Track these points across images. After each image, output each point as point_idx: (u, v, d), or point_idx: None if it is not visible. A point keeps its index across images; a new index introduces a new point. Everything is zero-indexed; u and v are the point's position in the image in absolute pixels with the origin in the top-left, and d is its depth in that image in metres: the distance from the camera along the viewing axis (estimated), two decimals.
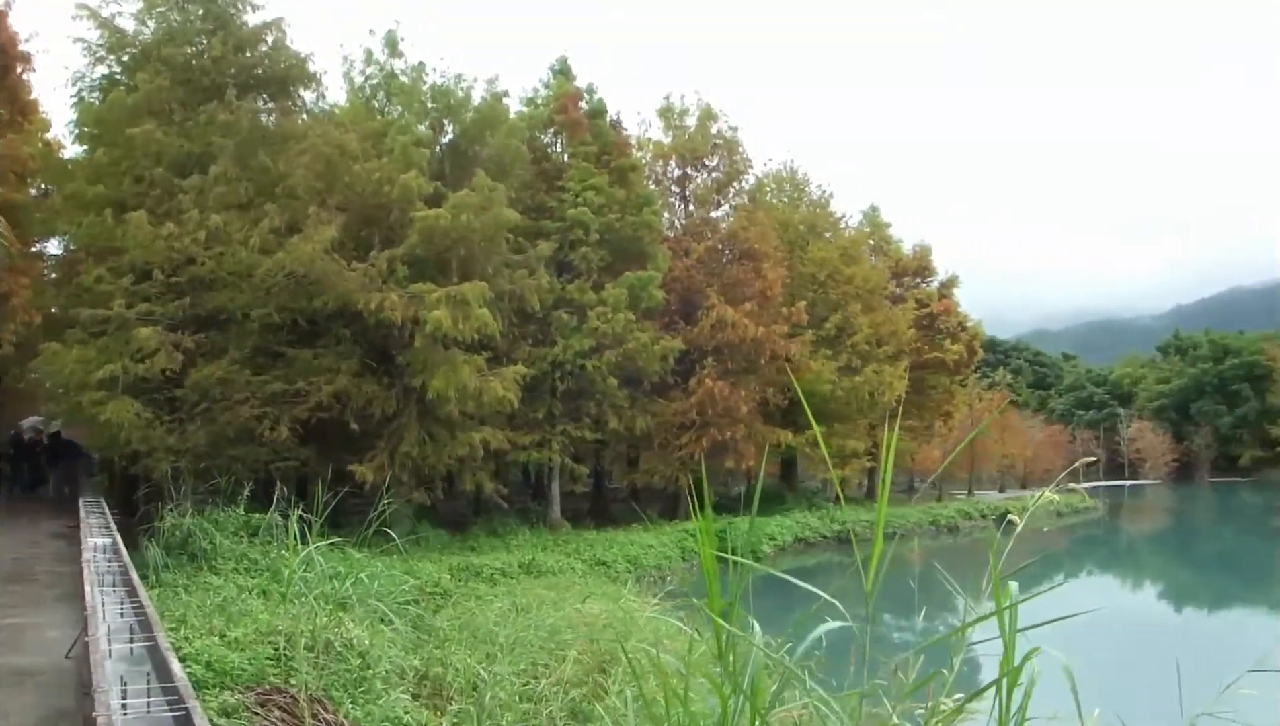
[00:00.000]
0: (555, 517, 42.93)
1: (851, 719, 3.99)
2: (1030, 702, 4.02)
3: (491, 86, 39.86)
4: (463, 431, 34.59)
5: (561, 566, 34.13)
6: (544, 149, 45.31)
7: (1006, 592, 4.01)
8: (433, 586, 27.93)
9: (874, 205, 72.31)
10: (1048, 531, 64.28)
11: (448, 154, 38.65)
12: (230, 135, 31.17)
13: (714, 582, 3.95)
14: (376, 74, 38.61)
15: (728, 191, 54.63)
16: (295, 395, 31.82)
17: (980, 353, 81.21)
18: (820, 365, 53.34)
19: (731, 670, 4.06)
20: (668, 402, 46.16)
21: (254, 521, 23.60)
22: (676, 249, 48.74)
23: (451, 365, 32.64)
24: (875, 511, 19.82)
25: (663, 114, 54.53)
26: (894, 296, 68.31)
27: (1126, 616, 35.98)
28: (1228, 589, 44.36)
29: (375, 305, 31.95)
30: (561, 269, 42.15)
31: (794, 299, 52.97)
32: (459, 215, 33.45)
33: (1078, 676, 3.83)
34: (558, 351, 40.37)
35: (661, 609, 18.97)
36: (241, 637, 13.31)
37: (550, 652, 15.11)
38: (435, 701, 13.13)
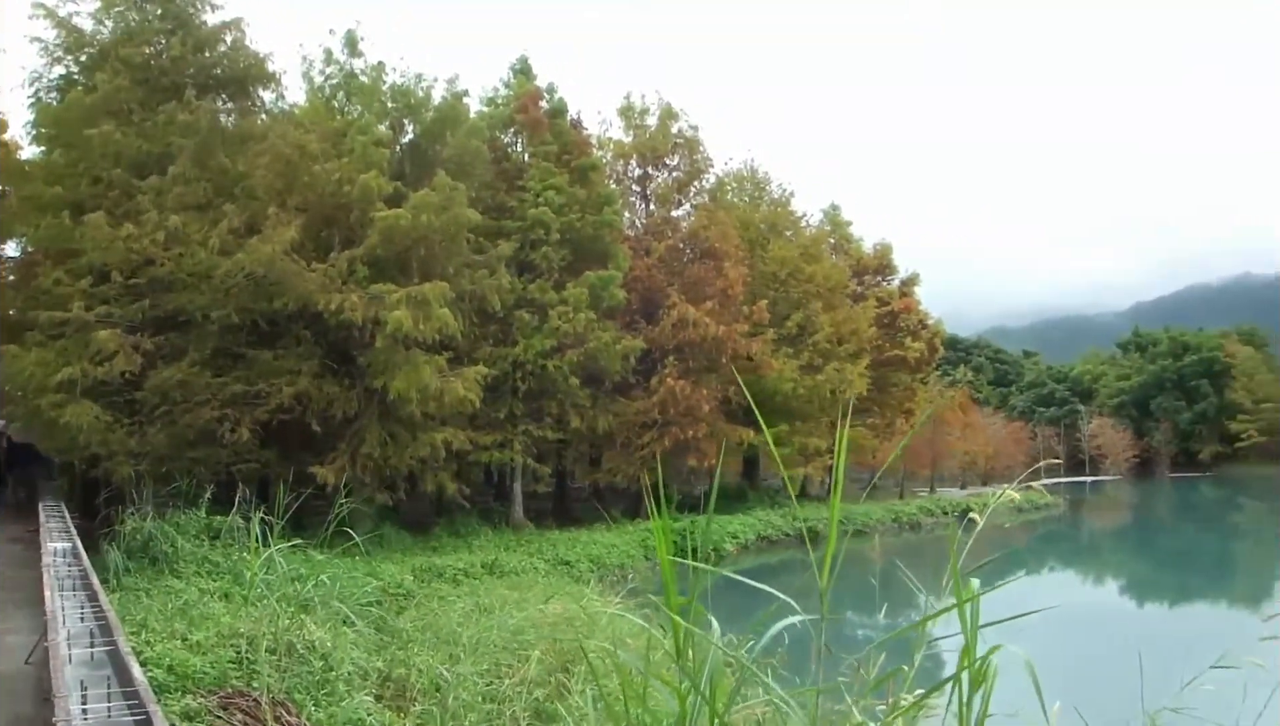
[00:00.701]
0: (518, 517, 43.03)
1: (810, 716, 3.99)
2: (991, 698, 4.07)
3: (452, 86, 40.03)
4: (424, 432, 34.62)
5: (524, 566, 34.26)
6: (504, 148, 45.40)
7: (967, 589, 4.05)
8: (396, 587, 27.99)
9: (834, 204, 73.02)
10: (1009, 528, 64.78)
11: (408, 154, 38.73)
12: (189, 135, 31.06)
13: (671, 582, 4.03)
14: (336, 74, 38.67)
15: (688, 190, 54.90)
16: (256, 397, 31.77)
17: (941, 350, 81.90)
18: (782, 363, 53.66)
19: (690, 669, 4.08)
20: (630, 402, 46.33)
21: (215, 524, 23.58)
22: (637, 248, 48.96)
23: (412, 365, 32.69)
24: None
25: (623, 113, 54.80)
26: (855, 294, 68.80)
27: (1089, 612, 36.36)
28: (1189, 584, 44.83)
29: (335, 306, 31.93)
30: (522, 268, 42.20)
31: (755, 297, 53.35)
32: (419, 215, 33.52)
33: (1040, 671, 3.98)
34: (519, 351, 40.46)
35: (624, 607, 19.07)
36: (203, 641, 13.37)
37: (513, 653, 15.22)
38: (399, 702, 13.22)
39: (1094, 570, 53.60)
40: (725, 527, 47.48)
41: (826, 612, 3.87)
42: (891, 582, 5.18)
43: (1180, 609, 38.90)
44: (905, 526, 63.98)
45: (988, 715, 3.96)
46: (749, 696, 5.18)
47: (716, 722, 3.92)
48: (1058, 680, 4.73)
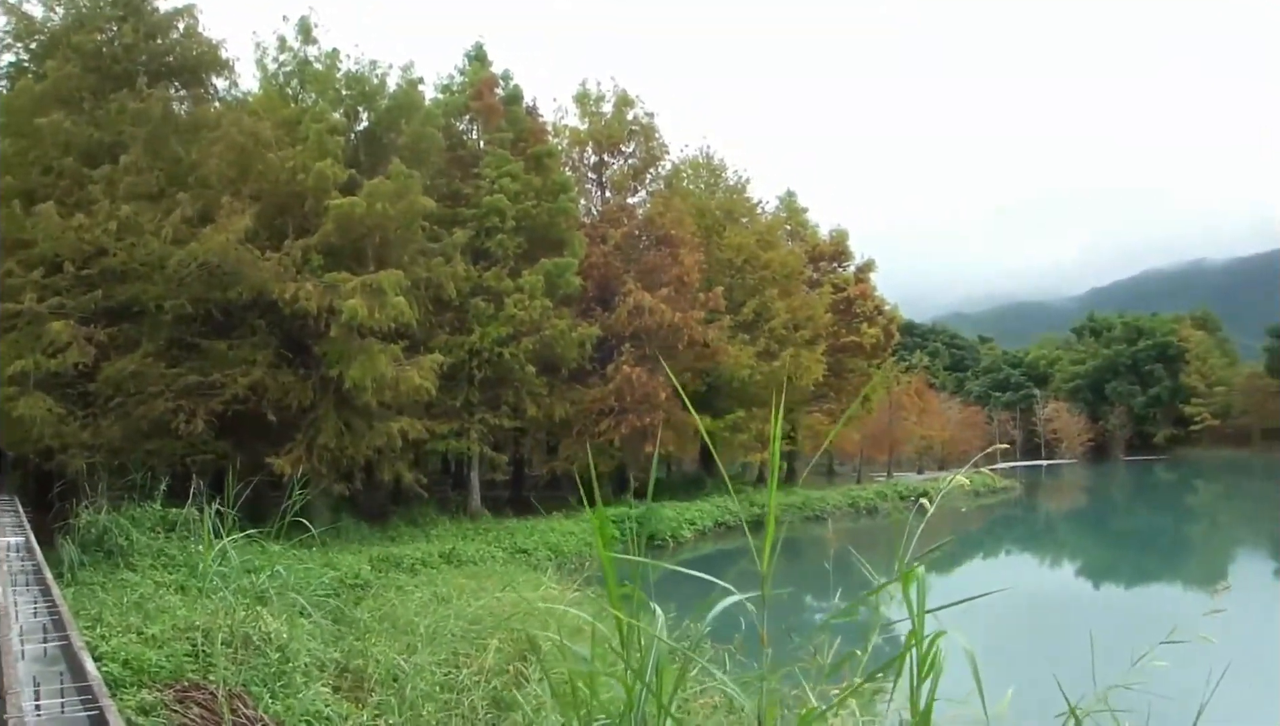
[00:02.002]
0: (475, 506, 43.13)
1: (757, 701, 4.06)
2: (943, 681, 4.12)
3: (407, 73, 40.02)
4: (380, 421, 34.67)
5: (482, 555, 34.32)
6: (460, 136, 45.52)
7: (914, 573, 4.07)
8: (353, 578, 27.98)
9: (791, 191, 73.16)
10: (966, 511, 65.39)
11: (362, 141, 38.74)
12: (141, 124, 30.99)
13: (611, 573, 4.14)
14: (290, 61, 38.56)
15: (644, 177, 55.13)
16: (211, 387, 31.73)
17: (897, 336, 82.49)
18: (738, 350, 53.85)
19: (636, 658, 4.13)
20: (586, 389, 46.51)
21: (171, 516, 23.57)
22: (593, 235, 49.07)
23: (368, 354, 32.75)
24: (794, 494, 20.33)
25: (579, 100, 54.85)
26: (811, 281, 69.23)
27: (1046, 593, 36.80)
28: (1144, 565, 45.37)
29: (290, 295, 31.96)
30: (478, 256, 42.22)
31: (711, 284, 53.53)
32: (374, 203, 33.58)
33: (997, 652, 4.06)
34: (475, 339, 40.49)
35: (581, 595, 19.21)
36: (159, 634, 13.40)
37: (471, 642, 15.29)
38: (356, 693, 13.26)
39: (1050, 552, 54.13)
40: (683, 514, 47.69)
41: (768, 597, 3.93)
42: (848, 568, 5.33)
43: (1136, 589, 39.38)
44: (863, 511, 64.38)
45: (935, 697, 4.02)
46: (703, 682, 5.27)
47: (661, 711, 3.98)
48: (1013, 660, 4.93)
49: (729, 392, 55.76)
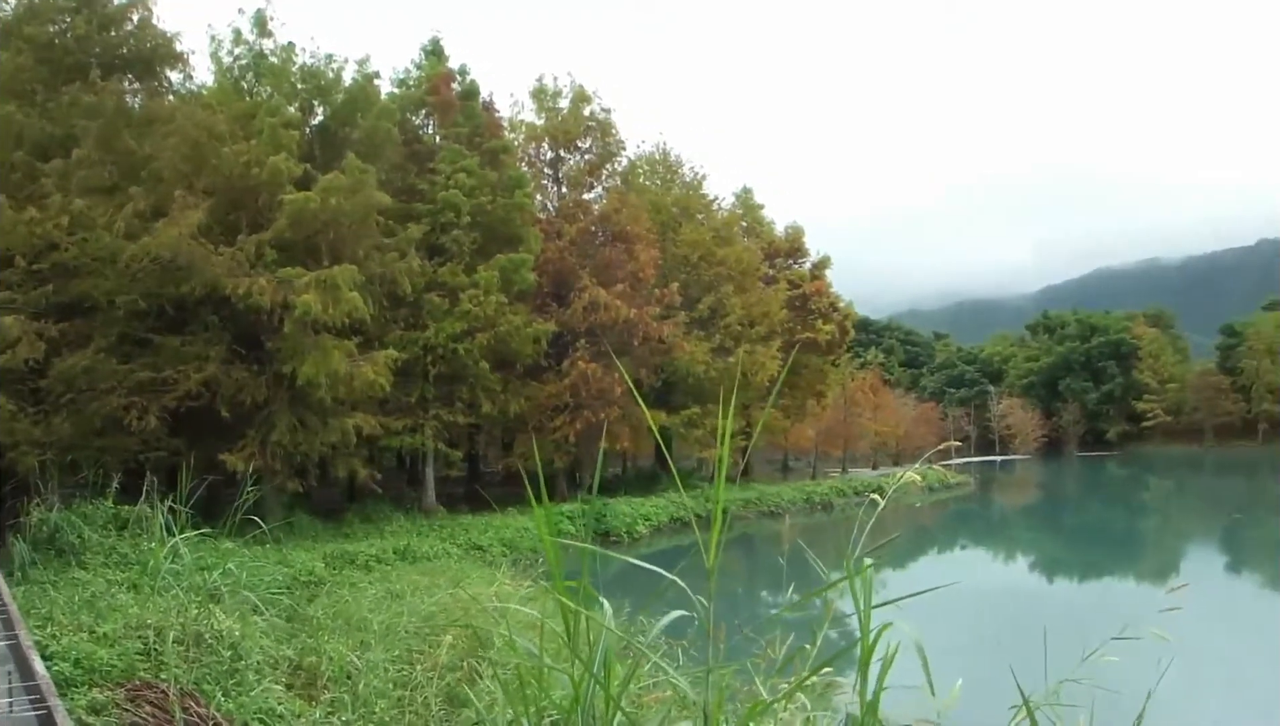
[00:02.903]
0: (430, 503, 43.20)
1: (702, 695, 4.05)
2: (896, 674, 4.13)
3: (362, 67, 40.02)
4: (335, 417, 34.68)
5: (437, 551, 34.41)
6: (415, 130, 45.54)
7: (863, 568, 4.10)
8: (307, 575, 27.98)
9: (747, 187, 73.54)
10: (920, 506, 65.91)
11: (317, 136, 38.68)
12: (94, 117, 30.78)
13: (557, 566, 4.19)
14: (245, 54, 38.34)
15: (600, 173, 55.27)
16: (163, 383, 31.60)
17: (852, 332, 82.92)
18: (694, 346, 54.11)
19: (584, 652, 4.13)
20: (541, 385, 46.71)
21: (123, 514, 23.45)
22: (549, 231, 49.20)
23: (322, 350, 32.73)
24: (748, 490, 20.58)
25: (535, 95, 55.03)
26: (767, 277, 69.46)
27: (999, 588, 37.25)
28: (1097, 560, 45.88)
29: (244, 290, 31.82)
30: (433, 252, 42.24)
31: (667, 280, 53.85)
32: (329, 198, 33.51)
33: (951, 646, 4.16)
34: (429, 335, 40.55)
35: (536, 590, 19.32)
36: (111, 633, 13.38)
37: (425, 638, 15.36)
38: (309, 691, 13.27)
39: (1004, 547, 54.68)
40: (638, 510, 47.92)
41: (715, 591, 4.00)
42: (803, 562, 5.46)
43: (1089, 584, 39.83)
44: (818, 506, 64.79)
45: (884, 688, 4.04)
46: (655, 676, 5.33)
47: (610, 704, 4.01)
48: (967, 653, 5.01)
49: (684, 388, 56.05)
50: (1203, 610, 24.82)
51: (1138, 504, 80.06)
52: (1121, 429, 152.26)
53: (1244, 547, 49.02)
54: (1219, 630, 24.36)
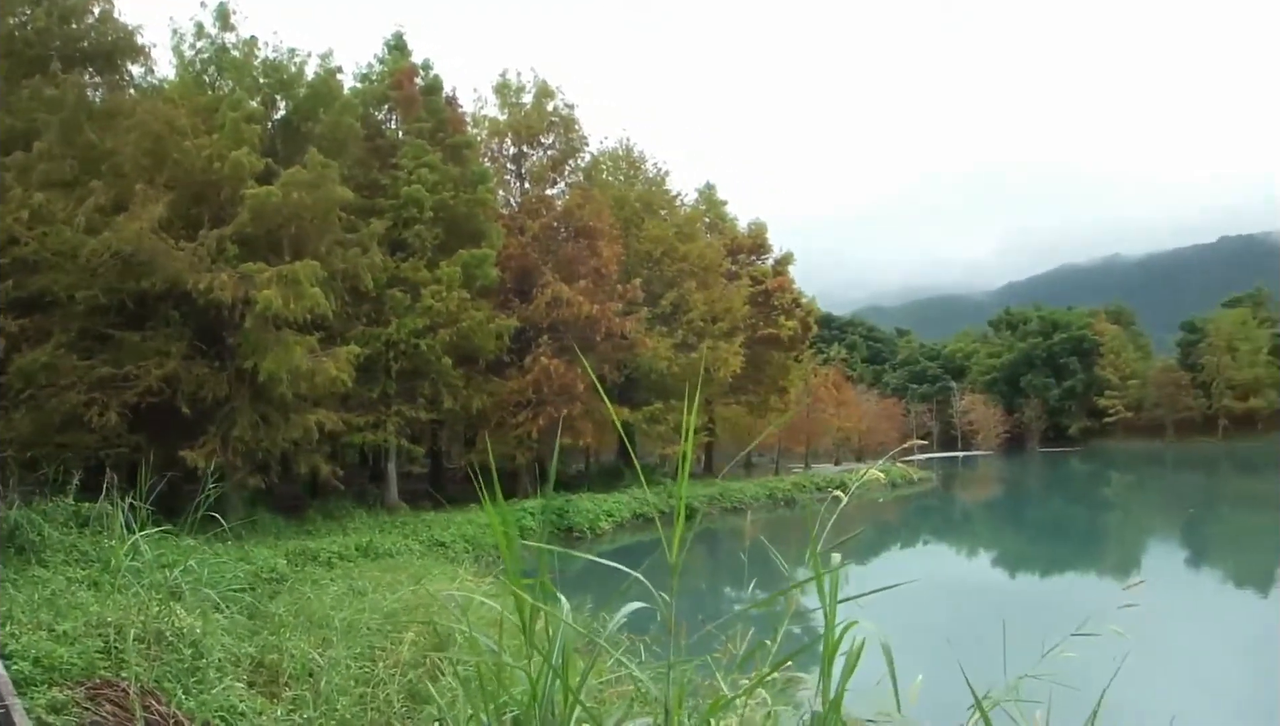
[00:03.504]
0: (392, 499, 43.26)
1: (664, 690, 4.06)
2: (857, 670, 4.15)
3: (325, 62, 40.01)
4: (296, 413, 34.66)
5: (399, 548, 34.41)
6: (378, 125, 45.55)
7: (826, 564, 4.11)
8: (268, 572, 27.93)
9: (710, 183, 73.78)
10: (883, 502, 66.20)
11: (280, 130, 38.72)
12: (55, 110, 30.66)
13: (512, 560, 4.19)
14: (207, 48, 38.28)
15: (563, 169, 55.54)
16: (124, 379, 31.54)
17: (815, 328, 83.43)
18: (656, 342, 54.30)
19: (543, 647, 4.13)
20: (504, 381, 46.89)
21: (84, 511, 23.41)
22: (511, 226, 49.39)
23: (283, 346, 32.74)
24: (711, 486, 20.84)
25: (499, 91, 55.11)
26: (729, 273, 69.74)
27: (962, 583, 37.52)
28: (1059, 555, 46.25)
29: (205, 285, 31.74)
30: (395, 247, 42.28)
31: (629, 276, 54.13)
32: (290, 192, 33.55)
33: (911, 643, 4.23)
34: (392, 331, 40.59)
35: (498, 586, 19.39)
36: (71, 631, 13.39)
37: (387, 635, 15.43)
38: (271, 688, 13.30)
39: (967, 543, 55.02)
40: (601, 506, 48.13)
41: (677, 587, 3.99)
42: (766, 558, 5.56)
43: (1050, 579, 40.13)
44: (781, 502, 65.02)
45: (847, 689, 4.07)
46: (616, 671, 5.41)
47: (569, 697, 4.02)
48: (929, 649, 5.04)
49: (647, 384, 56.26)
50: (1162, 605, 25.22)
51: (1099, 499, 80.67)
52: (1083, 425, 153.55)
53: (1203, 542, 49.58)
54: (1177, 624, 24.74)
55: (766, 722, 4.83)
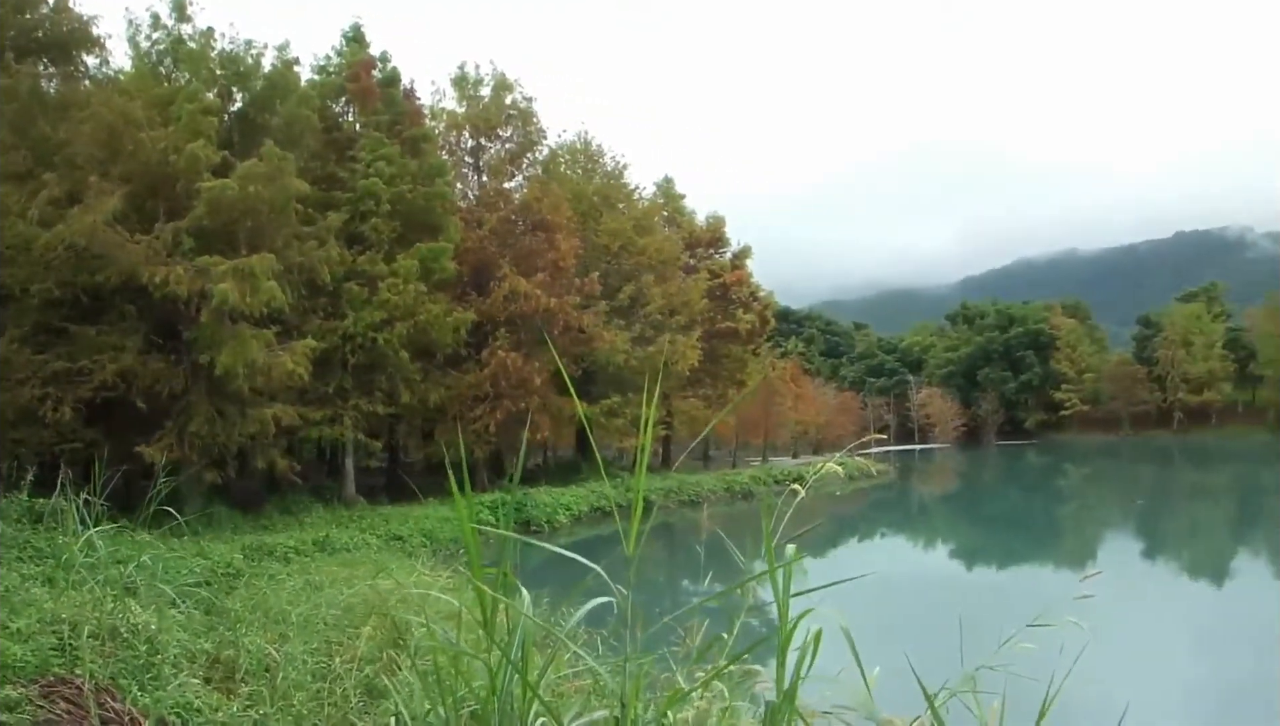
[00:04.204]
0: (350, 493, 43.28)
1: (619, 682, 4.04)
2: (814, 662, 4.19)
3: (282, 53, 39.90)
4: (253, 408, 34.70)
5: (356, 543, 34.44)
6: (335, 118, 45.44)
7: (790, 558, 4.13)
8: (225, 567, 27.91)
9: (668, 176, 74.06)
10: (840, 495, 66.62)
11: (236, 123, 38.57)
12: (8, 101, 30.65)
13: (475, 552, 4.16)
14: (163, 39, 37.97)
15: (521, 162, 55.58)
16: (79, 374, 31.56)
17: (773, 322, 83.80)
18: (614, 335, 54.44)
19: (501, 639, 4.09)
20: (462, 375, 46.92)
21: (38, 507, 23.37)
22: (469, 220, 49.41)
23: (240, 340, 32.79)
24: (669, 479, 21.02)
25: (457, 83, 55.10)
26: (687, 267, 69.97)
27: (919, 575, 37.89)
28: (1015, 547, 46.66)
29: (160, 279, 31.80)
30: (352, 240, 42.20)
31: (587, 270, 54.20)
32: (247, 185, 33.54)
33: (869, 635, 4.32)
34: (348, 324, 40.61)
35: (456, 580, 19.52)
36: (24, 628, 13.37)
37: (343, 630, 15.50)
38: (228, 684, 13.32)
39: (924, 535, 55.36)
40: (559, 499, 48.23)
41: (633, 580, 4.12)
42: (724, 551, 5.61)
43: (1007, 570, 40.41)
44: (738, 495, 65.26)
45: (802, 678, 4.08)
46: (575, 665, 5.49)
47: (527, 691, 4.02)
48: (887, 641, 5.12)
49: (605, 378, 56.46)
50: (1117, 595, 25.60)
51: (1055, 491, 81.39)
52: (1039, 418, 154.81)
53: (1158, 534, 50.18)
54: (1132, 615, 25.09)
55: (724, 715, 4.84)
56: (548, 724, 4.05)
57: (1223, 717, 18.66)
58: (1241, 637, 24.99)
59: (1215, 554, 42.20)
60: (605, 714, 4.22)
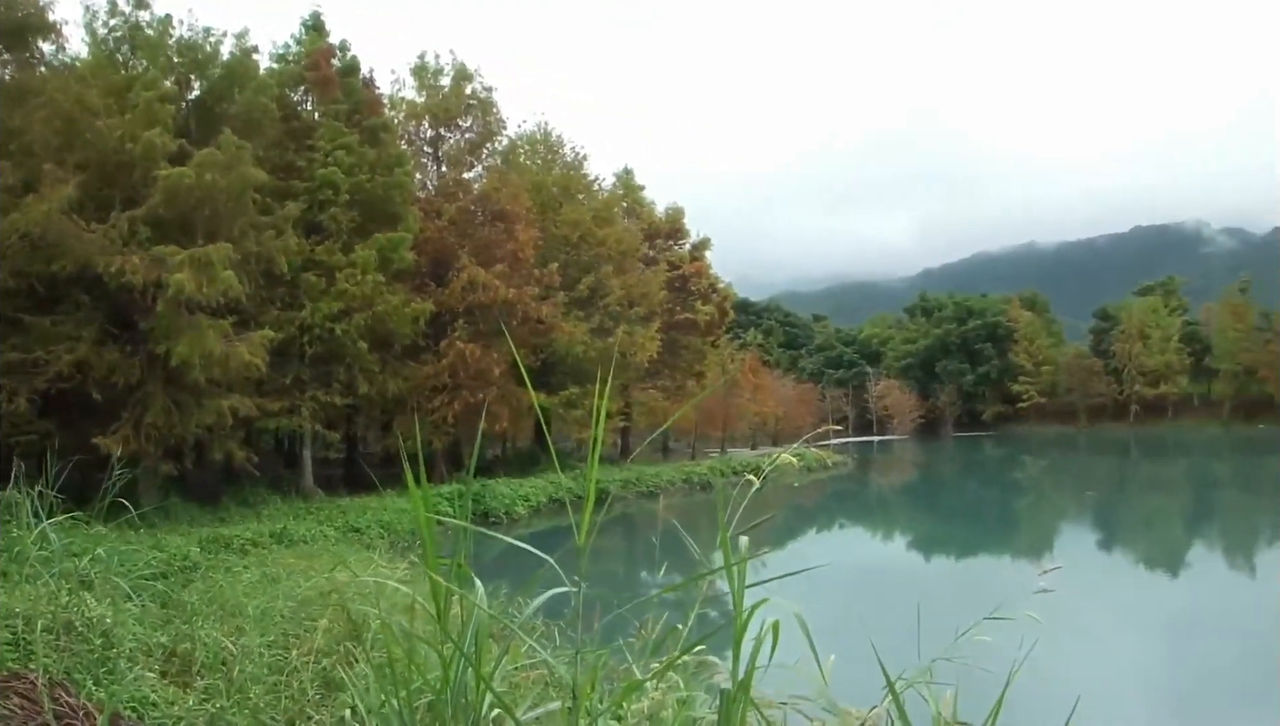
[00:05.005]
0: (308, 485, 43.20)
1: (573, 674, 4.00)
2: (774, 653, 4.20)
3: (241, 41, 39.64)
4: (210, 399, 34.55)
5: (314, 535, 34.44)
6: (294, 107, 45.29)
7: (744, 553, 4.11)
8: (181, 559, 27.83)
9: (628, 167, 74.01)
10: (799, 486, 66.86)
11: (194, 111, 38.36)
12: None
13: (430, 543, 4.09)
14: (121, 26, 37.72)
15: (481, 152, 55.61)
16: (33, 365, 31.31)
17: (731, 314, 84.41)
18: (573, 326, 54.60)
19: (452, 629, 4.06)
20: (420, 366, 46.97)
21: None
22: (428, 210, 49.42)
23: (196, 330, 32.62)
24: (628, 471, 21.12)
25: (417, 73, 54.97)
26: (647, 258, 70.35)
27: (877, 567, 38.20)
28: (973, 539, 47.08)
29: (116, 268, 31.57)
30: (310, 230, 42.16)
31: (546, 261, 54.35)
32: (204, 174, 33.38)
33: (825, 627, 4.37)
34: (306, 315, 40.56)
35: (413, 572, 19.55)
36: None
37: (300, 623, 15.51)
38: (184, 678, 13.31)
39: (882, 526, 55.80)
40: (517, 491, 48.33)
41: (585, 572, 4.13)
42: (682, 542, 5.63)
43: (965, 561, 40.75)
44: (696, 486, 65.47)
45: (756, 667, 4.05)
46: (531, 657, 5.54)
47: (480, 682, 4.02)
48: (841, 634, 5.18)
49: (564, 369, 56.56)
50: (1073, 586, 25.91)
51: (1012, 482, 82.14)
52: (997, 410, 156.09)
53: (1114, 525, 50.76)
54: (1088, 606, 25.42)
55: (679, 705, 4.88)
56: (502, 716, 4.05)
57: (1179, 704, 19.01)
58: (1196, 627, 25.44)
59: (1170, 545, 42.77)
60: (560, 705, 4.22)
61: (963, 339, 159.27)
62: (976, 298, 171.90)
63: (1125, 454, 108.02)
